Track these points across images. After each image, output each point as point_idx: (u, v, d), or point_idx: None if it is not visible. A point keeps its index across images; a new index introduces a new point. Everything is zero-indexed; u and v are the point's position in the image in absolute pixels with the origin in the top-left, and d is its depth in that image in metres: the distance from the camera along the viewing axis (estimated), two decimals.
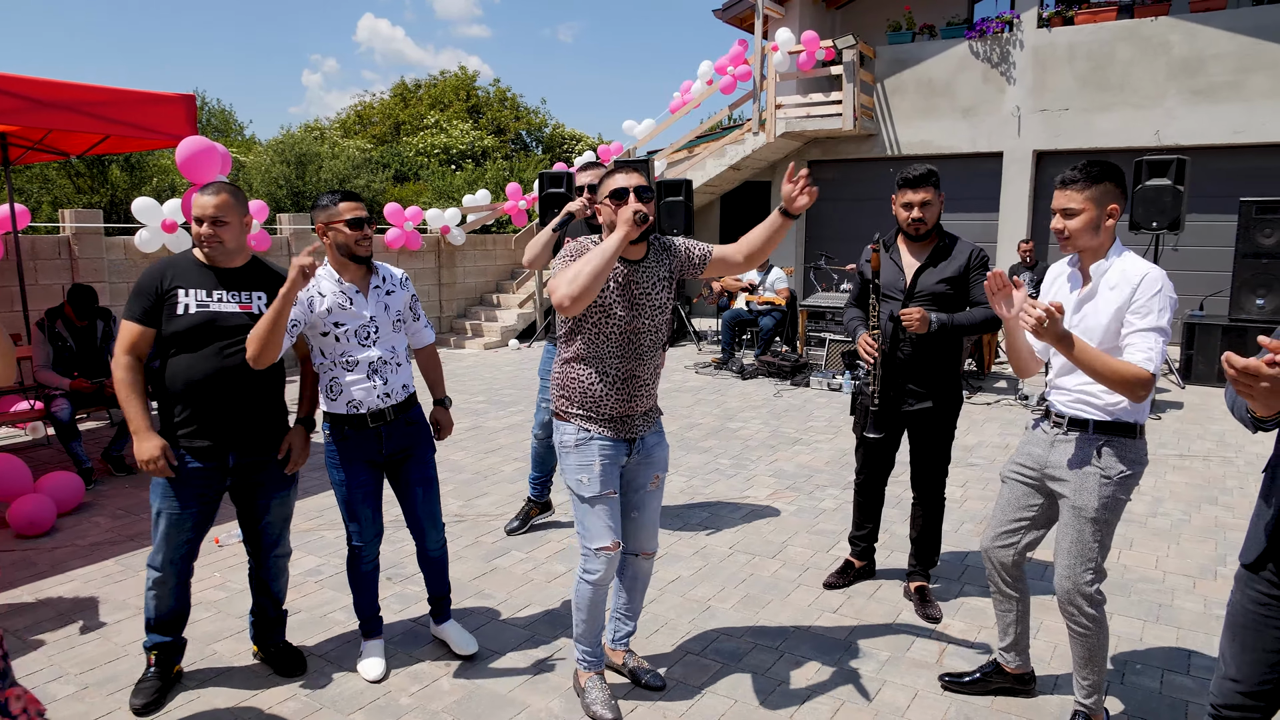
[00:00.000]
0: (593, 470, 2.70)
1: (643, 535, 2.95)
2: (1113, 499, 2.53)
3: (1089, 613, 2.59)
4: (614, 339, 2.68)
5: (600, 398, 2.70)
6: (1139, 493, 5.25)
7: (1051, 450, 2.65)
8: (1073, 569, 2.59)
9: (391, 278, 3.10)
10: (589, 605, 2.84)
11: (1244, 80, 10.25)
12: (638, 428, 2.79)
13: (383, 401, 2.99)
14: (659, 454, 2.90)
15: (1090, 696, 2.68)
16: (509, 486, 5.33)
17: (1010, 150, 11.67)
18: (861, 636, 3.42)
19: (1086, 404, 2.56)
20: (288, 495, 3.07)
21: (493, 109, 41.69)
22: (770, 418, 7.31)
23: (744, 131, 12.63)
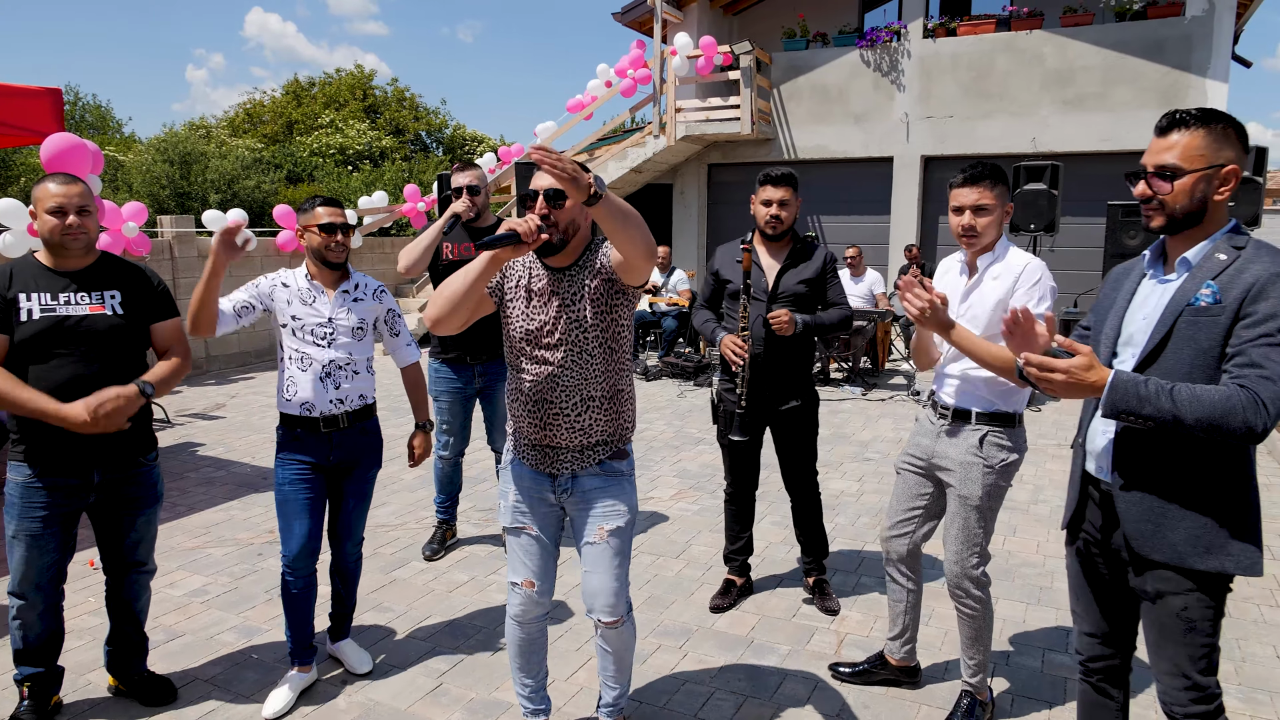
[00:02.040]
0: (508, 498, 2.52)
1: (593, 595, 2.46)
2: (995, 486, 2.67)
3: (976, 594, 2.73)
4: (525, 354, 2.40)
5: (516, 416, 2.46)
6: (1021, 481, 5.52)
7: (938, 440, 2.76)
8: (960, 554, 2.71)
9: (366, 287, 3.06)
10: (513, 644, 2.60)
11: (1110, 91, 10.93)
12: (563, 463, 2.43)
13: (335, 407, 2.92)
14: (602, 502, 2.43)
15: (975, 676, 2.81)
16: (409, 495, 5.21)
17: (900, 155, 12.12)
18: (763, 632, 3.47)
19: (969, 394, 2.68)
20: (154, 511, 2.90)
21: (391, 109, 40.73)
22: (674, 418, 7.37)
23: (645, 134, 12.72)
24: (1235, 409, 1.68)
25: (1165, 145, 1.87)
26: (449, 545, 4.35)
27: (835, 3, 13.31)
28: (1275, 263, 1.77)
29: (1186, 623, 1.89)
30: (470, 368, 4.08)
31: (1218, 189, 1.85)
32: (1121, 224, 8.73)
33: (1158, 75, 10.67)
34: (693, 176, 13.59)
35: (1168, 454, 1.88)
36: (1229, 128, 1.85)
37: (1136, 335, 1.94)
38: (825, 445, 6.41)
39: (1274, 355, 1.70)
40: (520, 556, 2.50)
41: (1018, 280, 2.61)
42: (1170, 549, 1.88)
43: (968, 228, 2.64)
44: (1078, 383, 1.77)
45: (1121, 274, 2.11)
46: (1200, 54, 10.45)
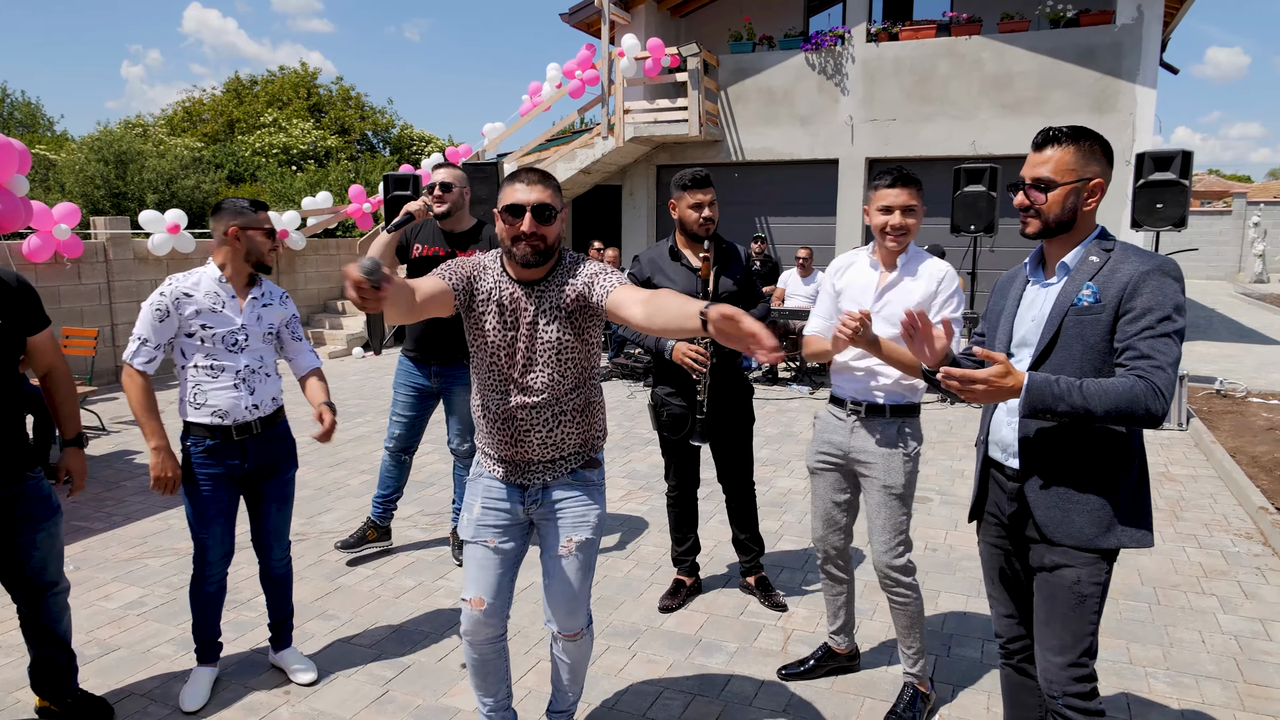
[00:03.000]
0: (472, 511, 2.43)
1: (554, 607, 2.43)
2: (914, 473, 2.81)
3: (906, 582, 2.81)
4: (493, 371, 2.32)
5: (485, 433, 2.40)
6: (963, 476, 5.65)
7: (852, 436, 2.83)
8: (889, 544, 2.79)
9: (271, 293, 3.01)
10: (469, 662, 2.50)
11: (1045, 96, 11.24)
12: (534, 474, 2.39)
13: (250, 414, 2.87)
14: (572, 512, 2.39)
15: (916, 664, 2.89)
16: (354, 501, 5.13)
17: (845, 157, 12.30)
18: (711, 631, 3.50)
19: (882, 390, 2.79)
20: (55, 525, 2.74)
21: (336, 108, 40.06)
22: (624, 419, 7.38)
23: (593, 135, 12.71)
24: (1138, 398, 1.84)
25: (1041, 160, 2.04)
26: (374, 550, 4.30)
27: (781, 6, 13.47)
28: (1143, 261, 1.94)
29: (1078, 596, 2.03)
30: (427, 367, 4.06)
31: (1086, 200, 2.02)
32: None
33: (1090, 81, 11.00)
34: (641, 178, 13.63)
35: (1069, 444, 2.02)
36: (1096, 144, 2.02)
37: (1028, 336, 2.09)
38: (773, 444, 6.49)
39: (1159, 346, 1.88)
40: (475, 571, 2.41)
41: (940, 284, 2.74)
42: (1077, 532, 2.02)
43: (899, 227, 2.72)
44: (998, 389, 1.89)
45: (1007, 282, 2.27)
46: (1130, 60, 10.80)
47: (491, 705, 2.56)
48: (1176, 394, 7.03)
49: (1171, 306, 1.90)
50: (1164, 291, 1.91)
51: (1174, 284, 1.92)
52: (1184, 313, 1.92)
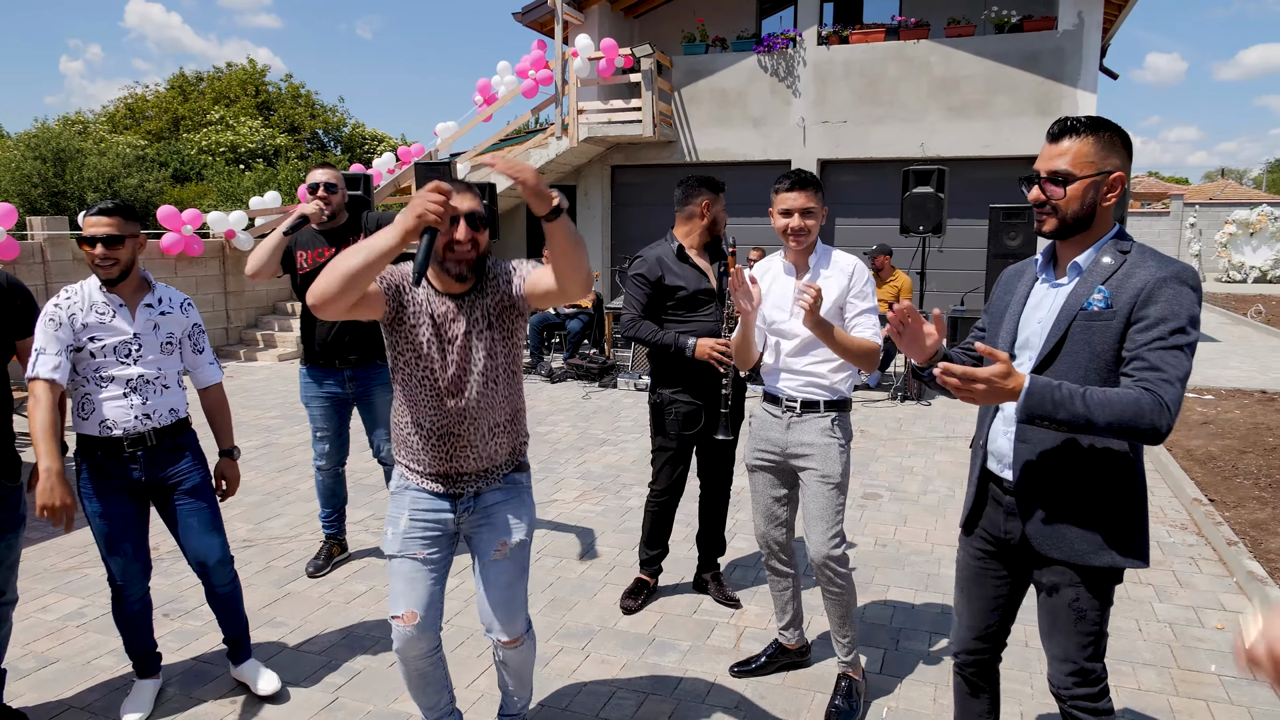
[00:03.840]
0: (398, 525, 2.34)
1: (492, 614, 2.40)
2: (848, 463, 2.88)
3: (842, 572, 2.86)
4: (427, 388, 2.27)
5: (417, 450, 2.33)
6: (912, 472, 5.76)
7: (789, 431, 2.89)
8: (825, 534, 2.84)
9: (170, 300, 2.83)
10: (406, 678, 2.43)
11: (991, 100, 11.49)
12: (467, 484, 2.36)
13: (141, 424, 2.71)
14: (503, 515, 2.38)
15: (849, 654, 2.95)
16: (304, 506, 5.05)
17: (798, 159, 12.43)
18: (665, 630, 3.52)
19: (816, 386, 2.87)
20: (16, 538, 2.68)
21: (285, 106, 39.40)
22: (579, 420, 7.37)
23: (547, 136, 12.68)
24: (1144, 411, 1.73)
25: (1058, 151, 1.91)
26: (337, 561, 4.19)
27: (733, 8, 13.57)
28: (1161, 267, 1.83)
29: (1078, 613, 1.99)
30: (340, 372, 3.94)
31: (1105, 195, 1.90)
32: (1003, 226, 9.18)
33: (1034, 85, 11.27)
34: (596, 178, 13.62)
35: (1066, 457, 1.94)
36: (1115, 135, 1.90)
37: (1033, 338, 2.00)
38: None
39: (1170, 358, 1.77)
40: (404, 586, 2.32)
41: (852, 277, 2.85)
42: (1069, 547, 1.95)
43: (798, 229, 2.81)
44: (998, 390, 1.76)
45: (1013, 276, 2.16)
46: (1072, 65, 11.09)
47: (436, 715, 2.53)
48: None
49: (1187, 318, 1.79)
50: (1180, 301, 1.80)
51: (1191, 294, 1.81)
52: (1199, 325, 1.82)
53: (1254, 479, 5.49)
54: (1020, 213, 9.08)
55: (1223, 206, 24.44)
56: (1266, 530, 4.55)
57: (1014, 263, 7.98)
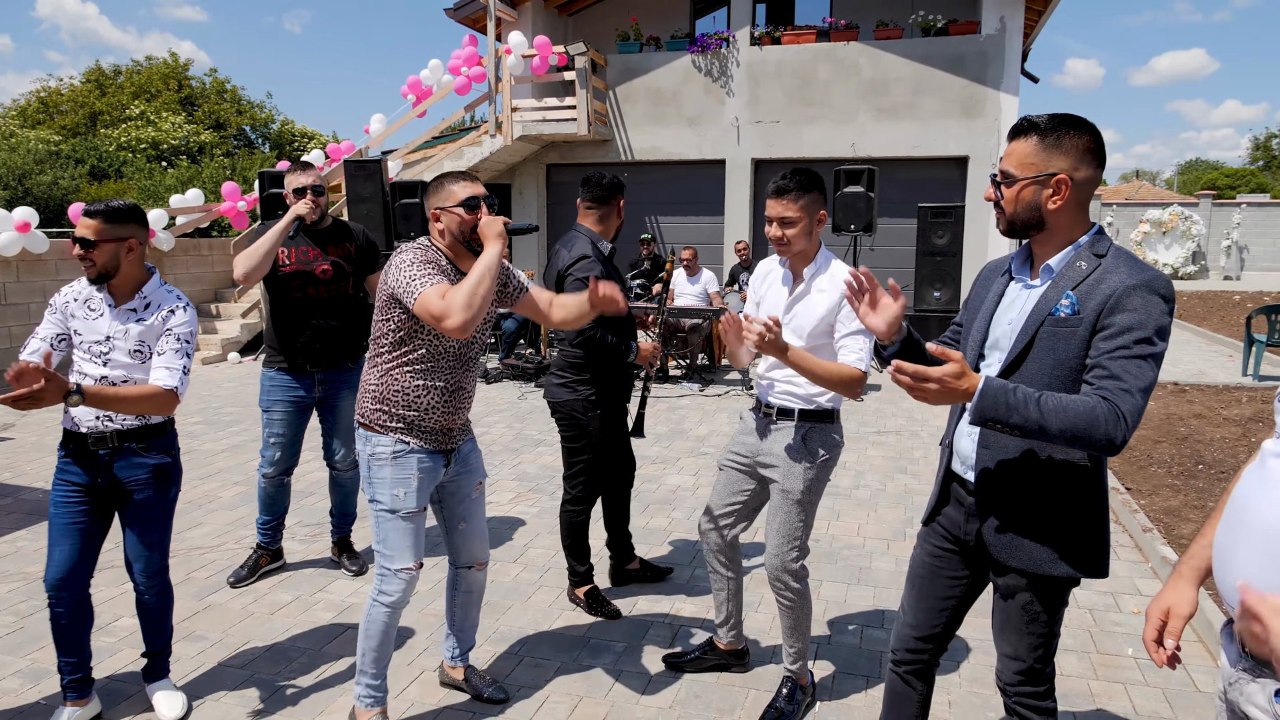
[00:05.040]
0: (410, 485, 2.60)
1: (474, 545, 2.90)
2: (816, 481, 2.78)
3: (795, 587, 2.82)
4: (452, 350, 2.63)
5: (427, 409, 2.62)
6: (845, 467, 5.84)
7: (762, 439, 2.85)
8: (780, 547, 2.80)
9: (157, 305, 2.71)
10: (381, 632, 2.66)
11: (918, 101, 11.75)
12: (456, 438, 2.73)
13: (104, 425, 2.66)
14: (475, 460, 2.86)
15: (796, 663, 2.93)
16: (227, 514, 4.88)
17: (732, 158, 12.53)
18: (599, 632, 3.49)
19: (792, 395, 2.78)
20: None
21: (210, 101, 38.27)
22: (514, 420, 7.30)
23: (481, 134, 12.53)
24: (1098, 421, 1.69)
25: (1008, 151, 1.90)
26: (264, 571, 4.04)
27: (667, 8, 13.60)
28: (1132, 274, 1.77)
29: (1031, 615, 1.99)
30: (310, 376, 3.85)
31: (1050, 198, 1.84)
32: (931, 225, 9.40)
33: (959, 87, 11.56)
34: (531, 177, 13.52)
35: (1028, 464, 1.92)
36: (1068, 135, 1.82)
37: (1002, 340, 1.97)
38: (663, 441, 6.54)
39: (1132, 368, 1.72)
40: (412, 540, 2.63)
41: (844, 296, 2.67)
42: (1027, 556, 1.93)
43: (776, 239, 2.71)
44: (950, 390, 1.73)
45: (991, 273, 2.12)
46: (995, 69, 11.41)
47: (380, 679, 2.72)
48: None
49: (1154, 328, 1.74)
50: (1149, 310, 1.75)
51: (1161, 303, 1.75)
52: (1167, 336, 1.76)
53: (1167, 467, 5.71)
54: (948, 212, 9.30)
55: (1138, 206, 25.47)
56: (1179, 517, 4.74)
57: (942, 260, 8.17)
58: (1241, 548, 1.36)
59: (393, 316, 2.55)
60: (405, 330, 2.57)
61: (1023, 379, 1.87)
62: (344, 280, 3.89)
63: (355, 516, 4.20)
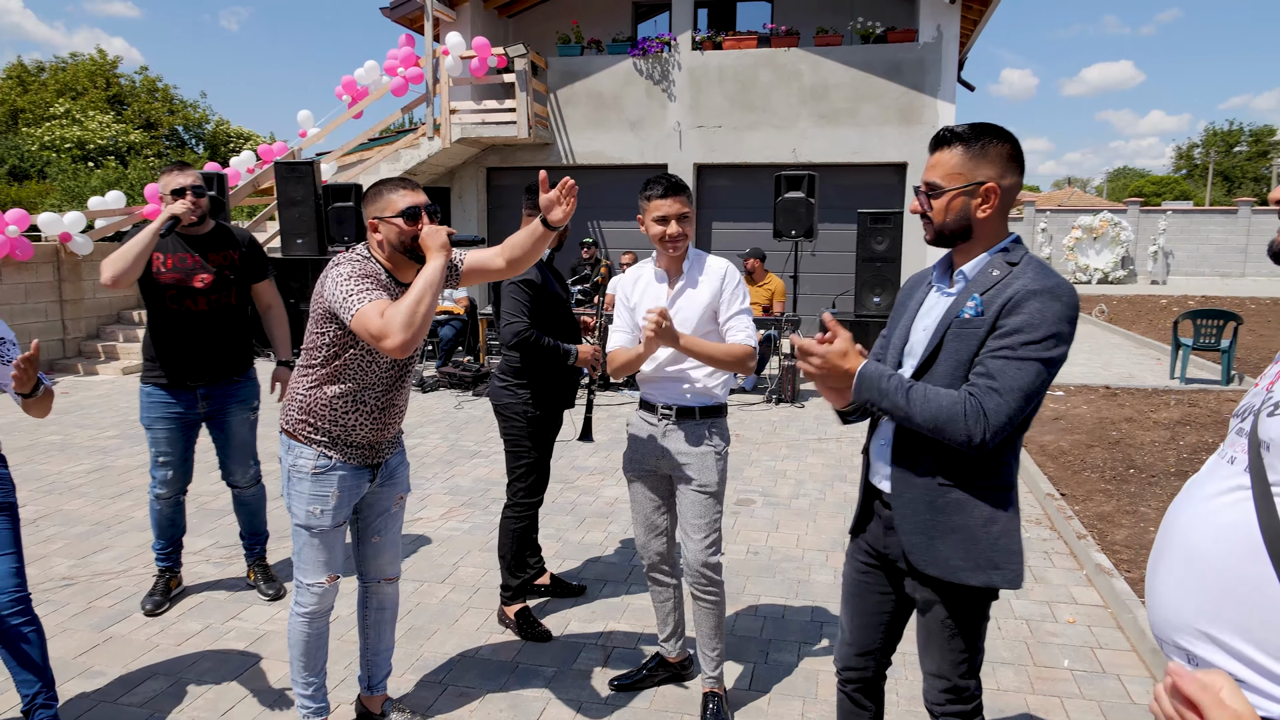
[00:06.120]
0: (328, 502, 2.53)
1: (385, 559, 2.79)
2: (724, 471, 2.85)
3: (718, 580, 2.85)
4: (386, 365, 2.53)
5: (353, 426, 2.53)
6: (785, 476, 5.78)
7: (664, 439, 2.85)
8: (702, 543, 2.81)
9: None
10: (304, 641, 2.64)
11: (858, 108, 11.84)
12: (384, 452, 2.66)
13: None
14: (401, 474, 2.79)
15: (717, 668, 2.90)
16: (139, 536, 4.60)
17: (674, 162, 12.47)
18: (529, 655, 3.35)
19: (690, 394, 2.82)
20: None
21: (140, 100, 37.11)
22: (449, 431, 7.09)
23: (418, 136, 12.26)
24: (958, 416, 1.73)
25: (932, 163, 1.91)
26: (175, 595, 3.82)
27: (609, 11, 13.50)
28: (1037, 279, 1.79)
29: (951, 630, 1.96)
30: (192, 391, 3.61)
31: (979, 206, 1.87)
32: (870, 230, 9.43)
33: (897, 94, 11.68)
34: (471, 180, 13.28)
35: (938, 472, 1.91)
36: (992, 144, 1.86)
37: (917, 345, 1.99)
38: (602, 451, 6.41)
39: (1010, 369, 1.75)
40: (327, 555, 2.58)
41: (723, 281, 2.81)
42: (943, 564, 1.91)
43: (676, 235, 2.75)
44: (834, 368, 1.83)
45: (915, 283, 2.15)
46: (932, 77, 11.55)
47: (317, 684, 2.70)
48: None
49: (1046, 331, 1.75)
50: (1044, 314, 1.76)
51: (1059, 307, 1.76)
52: (1061, 343, 1.76)
53: (1100, 472, 5.77)
54: (887, 218, 9.35)
55: (1070, 213, 26.19)
56: (1112, 522, 4.77)
57: (881, 266, 8.17)
58: (1162, 569, 1.29)
59: (328, 331, 2.44)
60: (339, 345, 2.46)
61: (932, 379, 1.90)
62: (226, 290, 3.62)
63: (267, 535, 3.98)
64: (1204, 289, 22.02)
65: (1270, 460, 1.12)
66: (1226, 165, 55.00)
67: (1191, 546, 1.22)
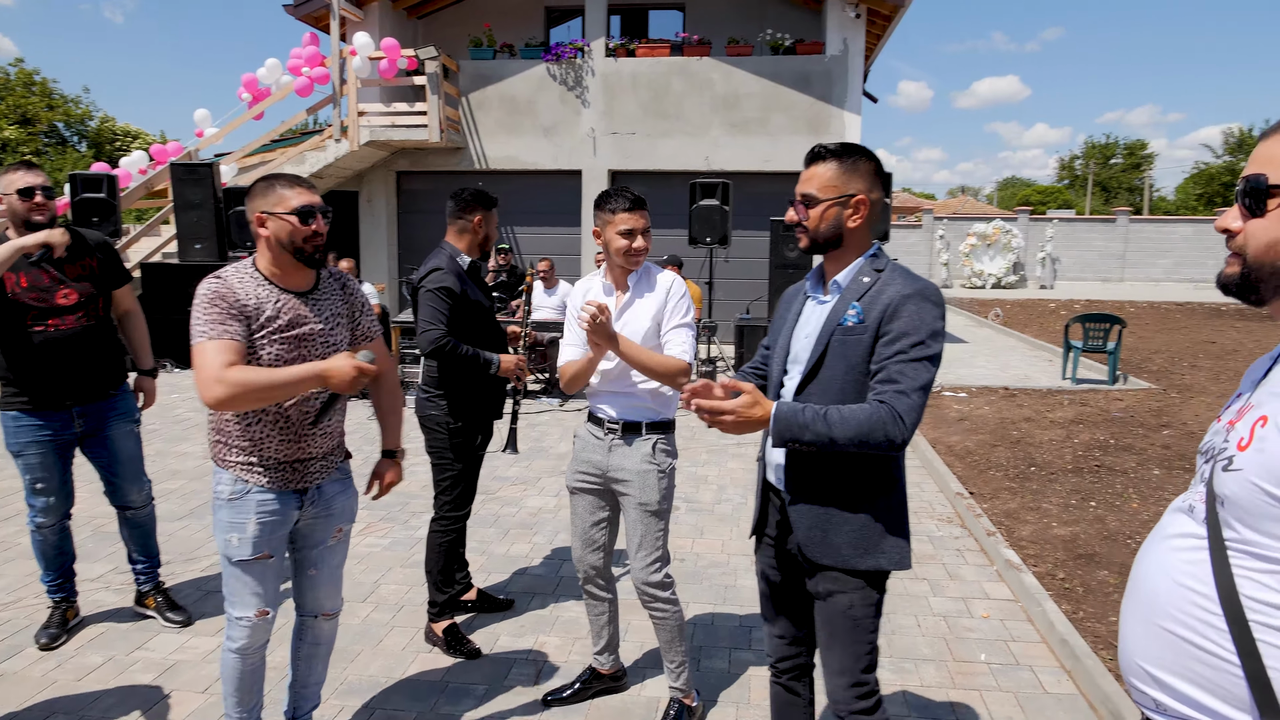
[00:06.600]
0: (245, 530, 2.36)
1: (323, 594, 2.64)
2: (668, 489, 2.84)
3: (665, 596, 2.83)
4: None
5: (259, 440, 2.36)
6: (707, 481, 5.84)
7: (610, 455, 2.84)
8: (645, 561, 2.81)
9: None
10: (237, 677, 2.51)
11: (769, 118, 12.09)
12: (313, 474, 2.46)
13: None
14: (341, 503, 2.59)
15: (679, 678, 2.91)
16: (27, 564, 4.28)
17: (589, 169, 12.47)
18: (459, 674, 3.28)
19: (638, 408, 2.82)
20: None
21: (15, 94, 34.91)
22: (363, 443, 6.88)
23: (325, 138, 11.90)
24: (877, 425, 1.85)
25: (807, 176, 2.06)
26: (72, 627, 3.59)
27: (521, 16, 13.41)
28: (907, 284, 1.96)
29: (852, 620, 2.06)
30: (67, 411, 3.36)
31: (850, 216, 2.03)
32: (783, 237, 9.63)
33: (806, 105, 11.98)
34: (380, 184, 12.97)
35: (830, 467, 2.04)
36: (861, 161, 2.03)
37: (801, 353, 2.10)
38: (522, 460, 6.35)
39: (908, 371, 1.89)
40: (255, 587, 2.43)
41: (668, 295, 2.83)
42: (836, 553, 2.04)
43: (641, 250, 2.78)
44: (746, 419, 1.88)
45: (792, 295, 2.27)
46: (839, 88, 11.90)
47: (254, 716, 2.59)
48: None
49: (927, 332, 1.92)
50: (922, 316, 1.93)
51: (933, 309, 1.94)
52: (940, 338, 1.94)
53: (1004, 470, 6.04)
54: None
55: (965, 220, 27.35)
56: (1018, 519, 5.00)
57: (794, 273, 8.42)
58: (1128, 609, 1.33)
59: None
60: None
61: (820, 384, 2.03)
62: (92, 304, 3.39)
63: (159, 561, 3.78)
64: (1088, 293, 23.34)
65: (1225, 516, 1.16)
66: (1104, 176, 58.51)
67: (1153, 590, 1.26)
